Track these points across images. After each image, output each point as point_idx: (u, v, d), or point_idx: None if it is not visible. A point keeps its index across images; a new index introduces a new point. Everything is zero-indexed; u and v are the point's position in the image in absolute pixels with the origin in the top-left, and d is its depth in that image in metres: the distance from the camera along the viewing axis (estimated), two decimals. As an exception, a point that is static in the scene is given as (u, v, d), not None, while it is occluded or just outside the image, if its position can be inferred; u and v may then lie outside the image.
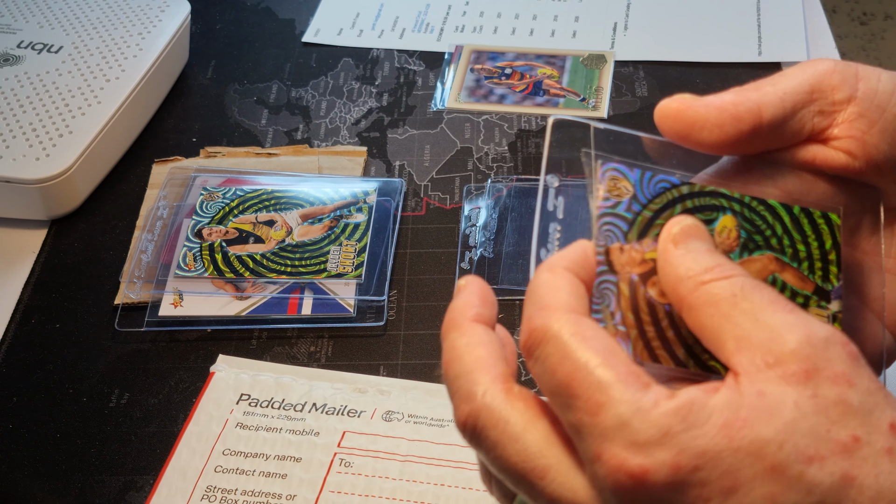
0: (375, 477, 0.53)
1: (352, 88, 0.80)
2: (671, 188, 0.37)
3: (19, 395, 0.59)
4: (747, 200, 0.38)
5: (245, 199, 0.68)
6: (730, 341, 0.32)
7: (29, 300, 0.65)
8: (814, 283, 0.38)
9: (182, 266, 0.64)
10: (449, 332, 0.36)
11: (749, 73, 0.79)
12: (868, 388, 0.31)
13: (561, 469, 0.33)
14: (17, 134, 0.68)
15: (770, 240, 0.38)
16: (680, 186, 0.37)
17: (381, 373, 0.59)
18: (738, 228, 0.38)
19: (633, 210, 0.36)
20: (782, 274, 0.38)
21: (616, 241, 0.36)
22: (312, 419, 0.56)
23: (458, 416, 0.34)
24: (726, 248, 0.37)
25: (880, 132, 0.39)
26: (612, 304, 0.35)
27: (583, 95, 0.78)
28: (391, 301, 0.63)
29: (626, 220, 0.36)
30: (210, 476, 0.53)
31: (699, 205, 0.37)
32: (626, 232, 0.36)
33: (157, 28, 0.78)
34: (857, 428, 0.30)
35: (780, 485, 0.30)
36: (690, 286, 0.34)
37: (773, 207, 0.38)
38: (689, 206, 0.37)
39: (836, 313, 0.38)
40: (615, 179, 0.37)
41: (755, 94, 0.38)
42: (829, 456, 0.30)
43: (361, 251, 0.64)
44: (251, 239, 0.65)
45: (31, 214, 0.69)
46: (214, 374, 0.59)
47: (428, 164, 0.73)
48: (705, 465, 0.30)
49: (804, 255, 0.38)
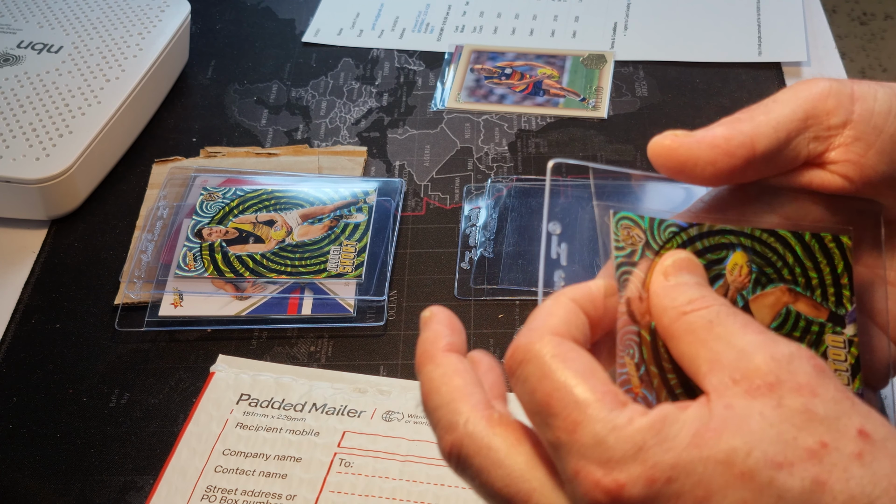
0: (375, 477, 0.53)
1: (352, 88, 0.80)
2: (680, 231, 0.37)
3: (19, 395, 0.59)
4: (757, 234, 0.38)
5: (245, 199, 0.68)
6: (703, 364, 0.33)
7: (29, 300, 0.65)
8: (828, 310, 0.39)
9: (182, 266, 0.64)
10: (424, 366, 0.37)
11: (749, 73, 0.79)
12: (834, 397, 0.32)
13: (544, 491, 0.33)
14: (17, 134, 0.68)
15: (782, 271, 0.38)
16: (689, 229, 0.37)
17: (381, 373, 0.59)
18: (750, 264, 0.38)
19: (646, 258, 0.37)
20: (796, 304, 0.38)
21: (636, 290, 0.36)
22: (312, 419, 0.56)
23: (442, 447, 0.35)
24: (738, 285, 0.38)
25: (877, 154, 0.39)
26: (636, 354, 0.36)
27: (583, 95, 0.78)
28: (391, 301, 0.63)
29: (641, 267, 0.37)
30: (210, 476, 0.53)
31: (709, 245, 0.38)
32: (643, 280, 0.36)
33: (157, 28, 0.78)
34: (823, 434, 0.31)
35: (752, 491, 0.30)
36: (673, 316, 0.35)
37: (783, 238, 0.38)
38: (700, 247, 0.37)
39: (852, 338, 0.38)
40: (628, 228, 0.37)
41: (748, 126, 0.39)
42: (797, 462, 0.30)
43: (361, 251, 0.64)
44: (251, 239, 0.65)
45: (31, 214, 0.69)
46: (214, 374, 0.59)
47: (428, 164, 0.73)
48: (678, 476, 0.31)
49: (817, 283, 0.39)
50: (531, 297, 0.63)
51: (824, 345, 0.39)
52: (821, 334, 0.38)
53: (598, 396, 0.32)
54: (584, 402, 0.32)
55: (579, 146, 0.74)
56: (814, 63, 0.80)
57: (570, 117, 0.76)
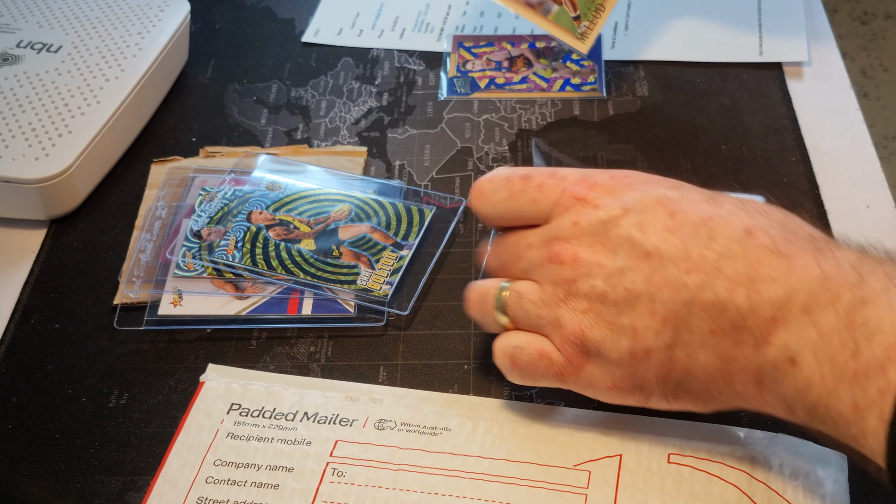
0: (368, 486, 0.52)
1: (352, 88, 0.80)
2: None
3: (18, 395, 0.59)
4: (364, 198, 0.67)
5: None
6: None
7: (28, 300, 0.65)
8: (393, 240, 0.62)
9: (181, 266, 0.64)
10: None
11: (750, 72, 0.79)
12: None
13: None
14: (16, 134, 0.68)
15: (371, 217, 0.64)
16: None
17: (381, 373, 0.59)
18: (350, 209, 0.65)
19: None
20: (373, 234, 0.63)
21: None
22: (304, 428, 0.55)
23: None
24: (336, 216, 0.64)
25: None
26: None
27: (580, 12, 0.74)
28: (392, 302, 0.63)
29: None
30: (201, 487, 0.53)
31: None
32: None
33: (157, 28, 0.78)
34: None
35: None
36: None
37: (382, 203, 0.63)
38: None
39: (403, 255, 0.64)
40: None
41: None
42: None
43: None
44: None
45: (30, 214, 0.69)
46: (204, 383, 0.58)
47: (428, 163, 0.73)
48: (630, 179, 0.52)
49: (393, 226, 0.64)
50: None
51: (382, 256, 0.63)
52: (382, 250, 0.63)
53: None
54: (551, 167, 0.53)
55: (580, 146, 0.74)
56: (815, 63, 0.80)
57: (566, 99, 0.76)
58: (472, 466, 0.53)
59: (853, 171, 0.71)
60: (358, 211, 0.67)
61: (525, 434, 0.54)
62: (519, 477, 0.52)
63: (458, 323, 0.61)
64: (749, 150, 0.72)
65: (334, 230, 0.65)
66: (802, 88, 0.78)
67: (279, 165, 0.71)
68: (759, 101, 0.76)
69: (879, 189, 0.69)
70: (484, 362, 0.59)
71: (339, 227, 0.65)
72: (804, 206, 0.67)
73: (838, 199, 0.68)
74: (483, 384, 0.58)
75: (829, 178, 0.70)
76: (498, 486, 0.52)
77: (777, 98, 0.76)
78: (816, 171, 0.70)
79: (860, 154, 0.72)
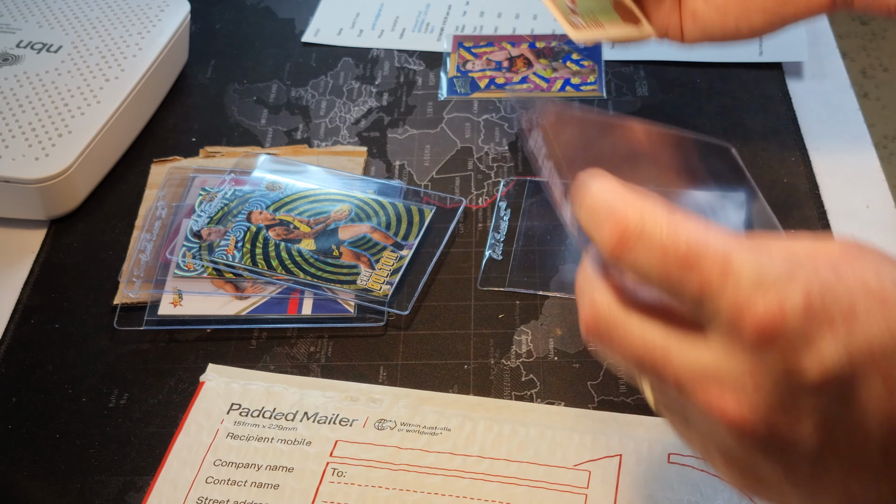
0: (368, 486, 0.52)
1: (352, 88, 0.80)
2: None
3: (18, 395, 0.59)
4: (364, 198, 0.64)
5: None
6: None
7: (28, 300, 0.65)
8: (393, 240, 0.56)
9: (181, 266, 0.64)
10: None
11: (750, 72, 0.79)
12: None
13: (683, 347, 0.35)
14: (16, 134, 0.68)
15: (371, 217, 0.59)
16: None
17: (380, 373, 0.59)
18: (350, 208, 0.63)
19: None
20: (373, 234, 0.58)
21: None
22: (304, 428, 0.55)
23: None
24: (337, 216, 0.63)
25: None
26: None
27: (580, 11, 0.70)
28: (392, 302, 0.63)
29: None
30: (201, 487, 0.53)
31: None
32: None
33: (157, 28, 0.78)
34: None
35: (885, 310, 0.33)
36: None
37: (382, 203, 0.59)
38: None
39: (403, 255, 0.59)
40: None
41: None
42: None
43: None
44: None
45: (30, 214, 0.69)
46: (204, 383, 0.58)
47: (428, 163, 0.73)
48: (826, 295, 0.32)
49: (394, 227, 0.58)
50: (531, 300, 0.63)
51: (382, 256, 0.63)
52: (382, 250, 0.62)
53: (728, 238, 0.33)
54: (722, 246, 0.33)
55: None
56: (815, 63, 0.80)
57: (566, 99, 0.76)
58: (472, 466, 0.53)
59: (853, 171, 0.71)
60: (358, 211, 0.67)
61: (525, 434, 0.54)
62: (519, 477, 0.52)
63: (458, 323, 0.61)
64: (749, 150, 0.72)
65: (334, 230, 0.65)
66: (802, 88, 0.78)
67: (279, 165, 0.71)
68: (759, 101, 0.76)
69: (879, 189, 0.69)
70: (484, 362, 0.59)
71: (339, 227, 0.65)
72: (804, 206, 0.67)
73: (838, 199, 0.68)
74: (483, 384, 0.58)
75: (829, 178, 0.70)
76: (498, 486, 0.52)
77: (777, 98, 0.76)
78: (816, 171, 0.70)
79: (860, 154, 0.72)
